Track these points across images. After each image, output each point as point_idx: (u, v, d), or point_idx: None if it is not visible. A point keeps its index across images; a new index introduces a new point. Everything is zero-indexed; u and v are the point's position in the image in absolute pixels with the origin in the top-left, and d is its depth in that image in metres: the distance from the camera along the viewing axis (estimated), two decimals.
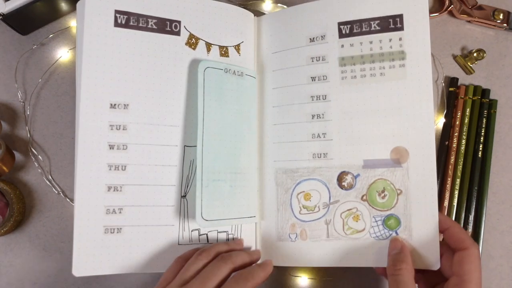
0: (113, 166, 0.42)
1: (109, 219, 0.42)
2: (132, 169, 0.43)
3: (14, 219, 0.47)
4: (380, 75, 0.44)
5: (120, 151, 0.42)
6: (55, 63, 0.51)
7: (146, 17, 0.44)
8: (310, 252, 0.45)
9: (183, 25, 0.45)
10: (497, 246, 0.50)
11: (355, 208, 0.44)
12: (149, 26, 0.44)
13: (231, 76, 0.45)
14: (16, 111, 0.50)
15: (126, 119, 0.43)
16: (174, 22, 0.45)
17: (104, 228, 0.42)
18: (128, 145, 0.43)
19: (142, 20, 0.43)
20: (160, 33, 0.44)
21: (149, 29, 0.44)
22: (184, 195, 0.44)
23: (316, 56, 0.46)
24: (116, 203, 0.42)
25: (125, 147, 0.43)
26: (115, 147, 0.42)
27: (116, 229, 0.42)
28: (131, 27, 0.43)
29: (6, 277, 0.48)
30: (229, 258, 0.40)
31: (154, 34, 0.44)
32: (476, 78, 0.53)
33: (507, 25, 0.53)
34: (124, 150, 0.43)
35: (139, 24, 0.43)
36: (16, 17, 0.48)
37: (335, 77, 0.46)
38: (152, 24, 0.44)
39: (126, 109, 0.43)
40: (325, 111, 0.46)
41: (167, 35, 0.44)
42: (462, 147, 0.51)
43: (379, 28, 0.45)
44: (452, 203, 0.50)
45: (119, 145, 0.42)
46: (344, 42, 0.45)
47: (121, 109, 0.43)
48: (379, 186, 0.44)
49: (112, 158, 0.42)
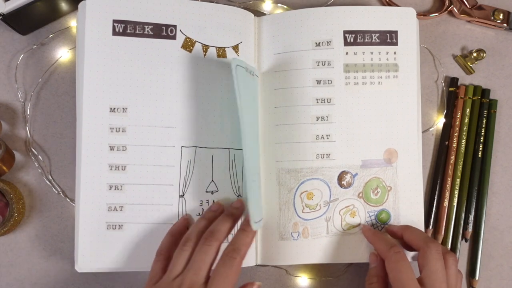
0: (113, 166, 0.44)
1: (111, 216, 0.44)
2: (131, 169, 0.45)
3: (14, 219, 0.47)
4: (378, 84, 0.48)
5: (120, 152, 0.44)
6: (55, 63, 0.51)
7: (143, 24, 0.45)
8: (311, 249, 0.46)
9: (179, 29, 0.46)
10: (497, 246, 0.50)
11: (352, 205, 0.47)
12: (146, 32, 0.45)
13: (248, 75, 0.45)
14: (16, 111, 0.50)
15: (125, 122, 0.45)
16: (170, 26, 0.46)
17: (107, 224, 0.44)
18: (127, 146, 0.45)
19: (138, 27, 0.45)
20: (157, 38, 0.46)
21: (145, 35, 0.45)
22: (182, 194, 0.45)
23: (322, 61, 0.48)
24: (117, 201, 0.44)
25: (124, 148, 0.45)
26: (115, 148, 0.44)
27: (117, 225, 0.44)
28: (129, 35, 0.45)
29: (6, 277, 0.48)
30: (212, 237, 0.40)
31: (150, 39, 0.46)
32: (476, 78, 0.53)
33: (507, 25, 0.53)
34: (124, 151, 0.44)
35: (136, 31, 0.45)
36: (16, 17, 0.48)
37: (339, 82, 0.48)
38: (149, 30, 0.45)
39: (125, 112, 0.45)
40: (329, 114, 0.47)
41: (163, 39, 0.46)
42: (462, 147, 0.51)
43: (378, 41, 0.48)
44: (452, 203, 0.50)
45: (119, 146, 0.44)
46: (348, 50, 0.48)
47: (120, 113, 0.45)
48: (373, 184, 0.48)
49: (112, 159, 0.44)
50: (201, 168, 0.46)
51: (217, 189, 0.46)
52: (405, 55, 0.48)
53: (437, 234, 0.50)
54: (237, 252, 0.39)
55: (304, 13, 0.48)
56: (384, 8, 0.49)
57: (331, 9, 0.48)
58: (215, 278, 0.37)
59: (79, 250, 0.44)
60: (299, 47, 0.48)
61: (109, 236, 0.44)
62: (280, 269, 0.50)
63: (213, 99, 0.47)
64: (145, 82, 0.45)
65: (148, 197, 0.45)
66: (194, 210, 0.46)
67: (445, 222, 0.50)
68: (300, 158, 0.47)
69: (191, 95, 0.46)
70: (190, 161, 0.45)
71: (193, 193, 0.45)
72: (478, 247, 0.50)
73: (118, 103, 0.45)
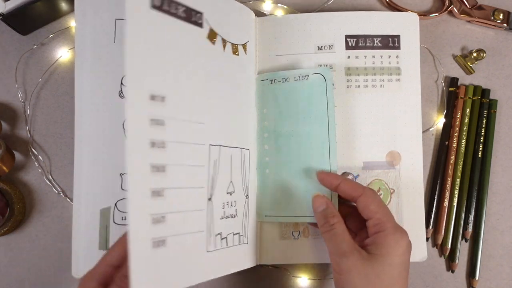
0: (154, 167, 0.36)
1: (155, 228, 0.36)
2: (171, 170, 0.37)
3: (14, 219, 0.47)
4: (380, 87, 0.49)
5: (160, 150, 0.36)
6: (55, 63, 0.51)
7: (176, 3, 0.39)
8: (312, 249, 0.46)
9: (205, 18, 0.42)
10: (497, 246, 0.50)
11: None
12: (179, 14, 0.39)
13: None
14: (16, 111, 0.50)
15: (164, 113, 0.37)
16: (198, 13, 0.41)
17: (152, 242, 0.35)
18: (166, 143, 0.37)
19: (173, 5, 0.39)
20: (187, 22, 0.40)
21: (179, 16, 0.39)
22: (210, 197, 0.41)
23: (324, 64, 0.49)
24: (159, 210, 0.36)
25: (163, 145, 0.37)
26: (156, 145, 0.36)
27: (161, 241, 0.36)
28: (165, 11, 0.38)
29: (6, 277, 0.48)
30: None
31: (183, 22, 0.40)
32: (476, 78, 0.53)
33: (507, 25, 0.53)
34: (163, 148, 0.37)
35: (171, 9, 0.39)
36: (16, 17, 0.48)
37: (341, 85, 0.49)
38: (181, 12, 0.40)
39: (163, 102, 0.37)
40: None
41: (193, 25, 0.41)
42: (462, 147, 0.51)
43: (380, 45, 0.49)
44: (452, 203, 0.50)
45: (159, 143, 0.36)
46: (350, 54, 0.49)
47: (159, 102, 0.37)
48: (375, 186, 0.48)
49: (153, 158, 0.36)
50: (223, 168, 0.42)
51: (234, 190, 0.44)
52: (407, 59, 0.49)
53: (437, 234, 0.50)
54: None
55: (305, 17, 0.49)
56: (386, 13, 0.50)
57: (333, 14, 0.49)
58: None
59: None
60: (303, 50, 0.49)
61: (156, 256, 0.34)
62: (280, 269, 0.50)
63: (240, 96, 0.45)
64: (181, 69, 0.39)
65: (184, 203, 0.38)
66: (218, 214, 0.41)
67: (445, 222, 0.50)
68: None
69: (220, 90, 0.43)
70: (216, 161, 0.42)
71: (217, 196, 0.41)
72: (478, 247, 0.50)
73: (159, 91, 0.36)
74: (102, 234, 0.43)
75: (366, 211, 0.40)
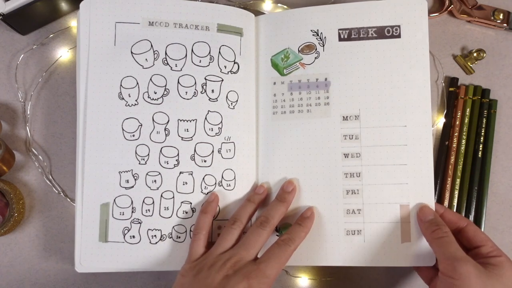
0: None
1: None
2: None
3: (14, 219, 0.47)
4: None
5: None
6: (55, 63, 0.51)
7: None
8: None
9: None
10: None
11: None
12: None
13: None
14: (16, 111, 0.50)
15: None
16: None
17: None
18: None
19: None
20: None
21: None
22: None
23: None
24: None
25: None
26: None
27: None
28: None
29: (6, 277, 0.48)
30: (267, 222, 0.42)
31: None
32: (476, 78, 0.53)
33: (507, 25, 0.53)
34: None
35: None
36: (16, 17, 0.48)
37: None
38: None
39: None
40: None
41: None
42: (462, 147, 0.51)
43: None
44: (452, 203, 0.50)
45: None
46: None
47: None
48: None
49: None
50: None
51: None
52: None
53: None
54: (292, 242, 0.42)
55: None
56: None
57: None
58: (269, 257, 0.40)
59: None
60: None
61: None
62: None
63: None
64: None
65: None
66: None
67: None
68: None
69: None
70: None
71: None
72: None
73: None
74: (101, 227, 0.45)
75: (477, 239, 0.42)
